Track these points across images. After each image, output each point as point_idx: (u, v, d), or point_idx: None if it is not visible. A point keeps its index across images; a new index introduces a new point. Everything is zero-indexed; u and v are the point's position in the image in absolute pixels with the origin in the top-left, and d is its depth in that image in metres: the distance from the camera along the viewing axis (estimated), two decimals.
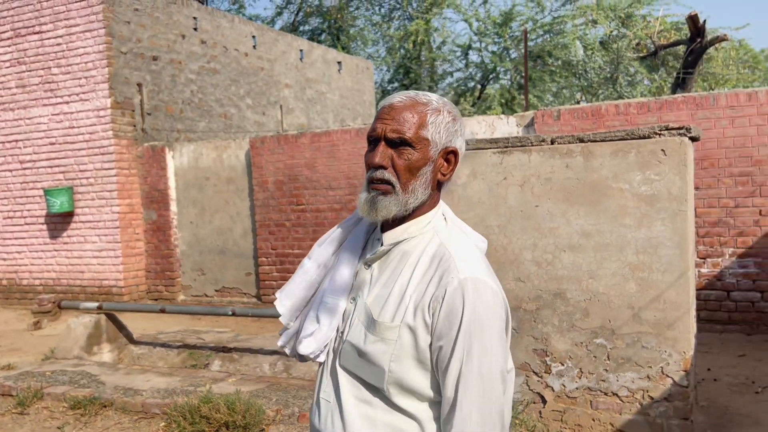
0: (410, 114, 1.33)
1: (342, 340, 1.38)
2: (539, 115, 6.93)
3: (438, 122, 1.35)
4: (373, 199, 1.33)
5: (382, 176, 1.33)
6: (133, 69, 9.36)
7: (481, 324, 1.24)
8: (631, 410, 3.59)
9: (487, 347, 1.24)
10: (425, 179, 1.35)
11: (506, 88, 19.88)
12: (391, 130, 1.33)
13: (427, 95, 1.37)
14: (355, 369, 1.34)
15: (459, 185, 3.97)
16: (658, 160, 3.49)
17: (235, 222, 9.12)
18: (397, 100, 1.35)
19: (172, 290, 9.44)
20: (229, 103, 11.27)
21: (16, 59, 9.60)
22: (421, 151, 1.33)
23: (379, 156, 1.33)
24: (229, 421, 4.00)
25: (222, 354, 5.91)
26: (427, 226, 1.38)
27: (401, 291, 1.31)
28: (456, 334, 1.24)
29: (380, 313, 1.31)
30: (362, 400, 1.34)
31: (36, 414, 4.63)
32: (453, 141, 1.38)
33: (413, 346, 1.28)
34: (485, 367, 1.24)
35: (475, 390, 1.23)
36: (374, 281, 1.37)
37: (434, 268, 1.30)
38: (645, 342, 3.55)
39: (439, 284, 1.27)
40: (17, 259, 9.88)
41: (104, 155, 9.12)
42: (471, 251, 1.35)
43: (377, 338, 1.30)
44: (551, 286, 3.75)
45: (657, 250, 3.50)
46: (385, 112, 1.35)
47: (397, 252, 1.37)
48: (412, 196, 1.34)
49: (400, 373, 1.29)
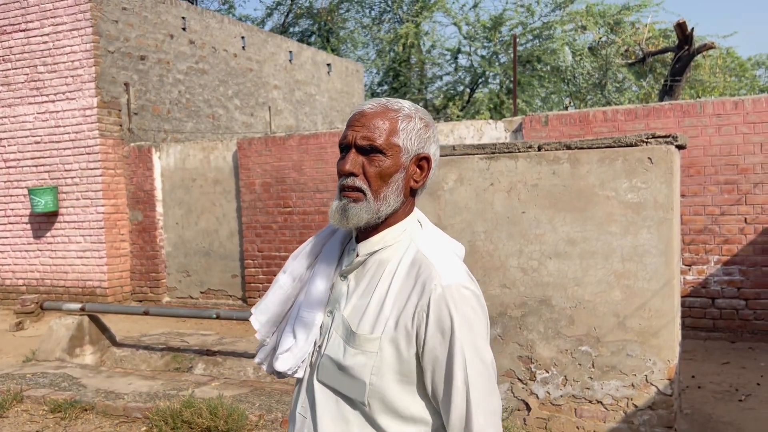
0: (381, 121, 1.31)
1: (320, 354, 1.35)
2: (527, 121, 6.94)
3: (409, 129, 1.33)
4: (344, 206, 1.32)
5: (353, 183, 1.31)
6: (120, 68, 9.29)
7: (471, 329, 1.24)
8: (615, 418, 3.59)
9: (482, 351, 1.25)
10: (397, 186, 1.33)
11: (495, 92, 19.93)
12: (362, 137, 1.31)
13: (399, 102, 1.36)
14: (334, 383, 1.31)
15: (446, 190, 3.95)
16: (645, 168, 3.49)
17: (221, 224, 9.06)
18: (368, 107, 1.34)
19: (157, 292, 9.36)
20: (217, 103, 11.21)
21: (2, 57, 9.49)
22: (392, 158, 1.31)
23: (350, 163, 1.31)
24: (211, 426, 3.96)
25: (206, 357, 5.85)
26: (402, 234, 1.35)
27: (380, 301, 1.29)
28: (449, 345, 1.23)
29: (359, 325, 1.29)
30: (338, 417, 1.31)
31: (15, 417, 4.56)
32: (425, 147, 1.35)
33: (395, 358, 1.26)
34: (485, 371, 1.25)
35: (482, 396, 1.23)
36: (351, 293, 1.34)
37: (414, 277, 1.28)
38: (630, 350, 3.54)
39: (422, 293, 1.25)
40: (0, 259, 9.76)
41: (90, 155, 9.03)
42: (449, 257, 1.33)
43: (357, 351, 1.27)
44: (537, 293, 3.74)
45: (643, 258, 3.50)
46: (356, 119, 1.33)
47: (372, 262, 1.34)
48: (384, 204, 1.32)
49: (381, 386, 1.26)
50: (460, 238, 3.90)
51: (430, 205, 3.98)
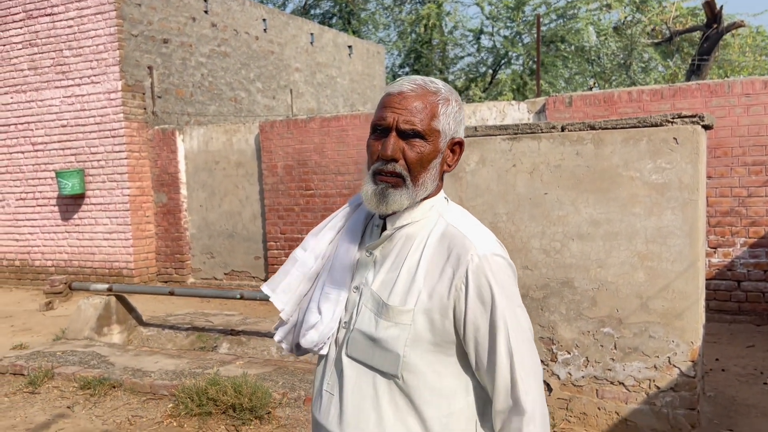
0: (422, 104, 1.29)
1: (348, 330, 1.35)
2: (551, 102, 6.87)
3: (448, 113, 1.32)
4: (383, 191, 1.30)
5: (393, 169, 1.29)
6: (143, 52, 9.36)
7: (510, 299, 1.25)
8: (637, 400, 3.59)
9: (520, 317, 1.27)
10: (435, 172, 1.32)
11: (518, 73, 19.71)
12: (404, 121, 1.28)
13: (435, 83, 1.33)
14: (365, 358, 1.31)
15: (467, 172, 3.95)
16: (670, 149, 3.45)
17: (244, 206, 9.14)
18: (408, 88, 1.30)
19: (182, 273, 9.50)
20: (239, 86, 11.25)
21: (28, 41, 9.62)
22: (432, 143, 1.30)
23: (391, 148, 1.28)
24: (236, 403, 4.03)
25: (230, 337, 5.95)
26: (430, 210, 1.35)
27: (410, 274, 1.29)
28: (491, 314, 1.24)
29: (389, 297, 1.29)
30: (368, 392, 1.30)
31: (47, 393, 4.68)
32: (460, 131, 1.35)
33: (429, 329, 1.26)
34: (525, 337, 1.26)
35: (525, 360, 1.25)
36: (378, 267, 1.34)
37: (446, 249, 1.28)
38: (652, 332, 3.53)
39: (458, 264, 1.25)
40: (29, 241, 9.97)
41: (115, 138, 9.15)
42: (479, 227, 1.34)
43: (390, 323, 1.27)
44: (559, 275, 3.73)
45: (667, 239, 3.47)
46: (396, 101, 1.30)
47: (399, 236, 1.34)
48: (422, 189, 1.31)
49: (414, 358, 1.27)
50: (482, 219, 3.90)
51: (452, 187, 3.98)
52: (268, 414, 4.05)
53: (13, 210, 10.03)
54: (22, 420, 4.25)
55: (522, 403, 1.25)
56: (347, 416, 1.31)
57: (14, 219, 10.05)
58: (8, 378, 5.05)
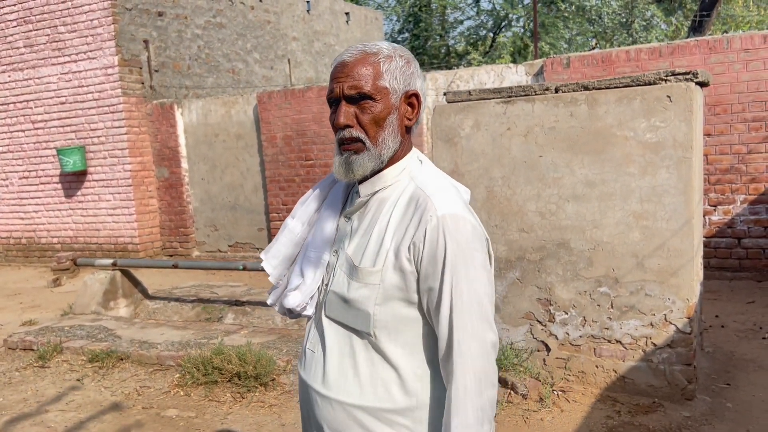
0: (363, 67, 1.33)
1: (326, 292, 1.41)
2: (548, 63, 6.82)
3: (393, 68, 1.34)
4: (347, 159, 1.35)
5: (350, 135, 1.34)
6: (138, 26, 9.29)
7: (465, 257, 1.27)
8: (635, 357, 3.64)
9: (473, 279, 1.27)
10: (393, 128, 1.35)
11: (518, 36, 19.48)
12: (349, 87, 1.33)
13: (377, 44, 1.37)
14: (341, 317, 1.38)
15: (462, 137, 3.95)
16: (664, 107, 3.43)
17: (245, 178, 9.16)
18: (348, 56, 1.35)
19: (187, 246, 9.57)
20: (236, 57, 11.18)
21: (23, 18, 9.55)
22: (382, 102, 1.33)
23: (343, 116, 1.33)
24: (240, 371, 4.11)
25: (235, 307, 6.02)
26: (402, 173, 1.39)
27: (380, 236, 1.33)
28: (441, 271, 1.27)
29: (361, 260, 1.34)
30: (346, 350, 1.37)
31: (56, 367, 4.78)
32: (411, 84, 1.37)
33: (397, 288, 1.31)
34: (474, 298, 1.27)
35: (468, 322, 1.26)
36: (354, 232, 1.40)
37: (412, 210, 1.31)
38: (648, 290, 3.56)
39: (419, 224, 1.28)
40: (35, 218, 10.04)
41: (114, 113, 9.14)
42: (446, 189, 1.35)
43: (360, 284, 1.33)
44: (555, 237, 3.75)
45: (661, 198, 3.48)
46: (339, 71, 1.35)
47: (374, 201, 1.39)
48: (384, 147, 1.35)
49: (386, 315, 1.32)
50: (478, 184, 3.92)
51: (447, 152, 3.99)
52: (273, 381, 4.13)
53: (17, 189, 10.09)
54: (33, 393, 4.35)
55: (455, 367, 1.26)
56: (328, 373, 1.38)
57: (18, 198, 10.11)
58: (19, 353, 5.16)
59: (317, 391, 1.40)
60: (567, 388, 3.76)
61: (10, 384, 4.56)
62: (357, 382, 1.35)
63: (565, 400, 3.66)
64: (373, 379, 1.34)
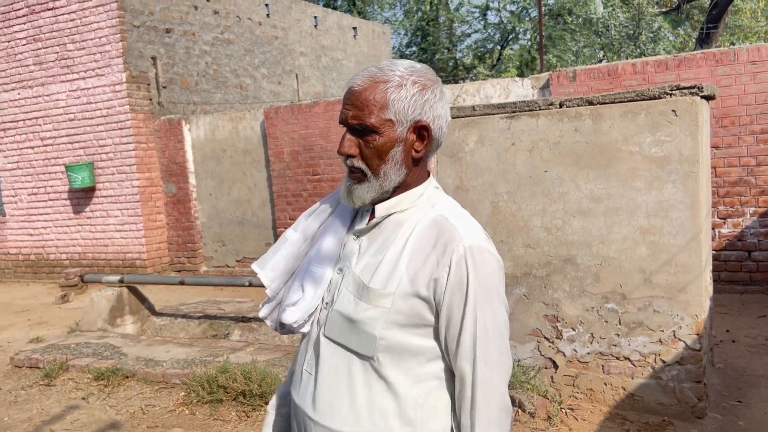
0: (370, 96, 1.29)
1: (328, 311, 1.37)
2: (555, 77, 6.80)
3: (402, 98, 1.29)
4: (349, 188, 1.35)
5: (352, 165, 1.33)
6: (146, 42, 9.36)
7: (488, 290, 1.26)
8: (643, 374, 3.59)
9: (496, 312, 1.27)
10: (395, 161, 1.32)
11: (526, 48, 19.50)
12: (353, 116, 1.30)
13: (392, 67, 1.31)
14: (342, 338, 1.33)
15: (467, 152, 3.93)
16: (669, 121, 3.41)
17: (253, 193, 9.18)
18: (357, 83, 1.31)
19: (195, 262, 9.58)
20: (244, 73, 11.24)
21: (32, 36, 9.66)
22: (385, 135, 1.30)
23: (346, 145, 1.32)
24: (245, 389, 4.08)
25: (241, 323, 6.01)
26: (419, 199, 1.36)
27: (394, 259, 1.30)
28: (464, 303, 1.25)
29: (371, 281, 1.30)
30: (343, 374, 1.32)
31: (62, 385, 4.77)
32: (423, 114, 1.31)
33: (408, 314, 1.27)
34: (496, 332, 1.27)
35: (491, 356, 1.26)
36: (363, 252, 1.36)
37: (434, 237, 1.29)
38: (657, 306, 3.52)
39: (444, 253, 1.26)
40: (43, 235, 10.09)
41: (122, 130, 9.20)
42: (470, 220, 1.34)
43: (369, 305, 1.29)
44: (561, 252, 3.72)
45: (668, 213, 3.44)
46: (347, 98, 1.32)
47: (388, 223, 1.36)
48: (385, 180, 1.32)
49: (391, 340, 1.28)
50: (483, 199, 3.89)
51: (452, 168, 3.97)
52: None
53: (26, 205, 10.15)
54: (39, 412, 4.34)
55: (477, 400, 1.26)
56: (321, 397, 1.34)
57: (27, 214, 10.17)
58: (25, 371, 5.15)
59: (311, 417, 1.35)
60: (575, 406, 3.71)
61: (15, 403, 4.56)
62: (353, 409, 1.30)
63: (573, 419, 3.60)
64: (370, 406, 1.30)
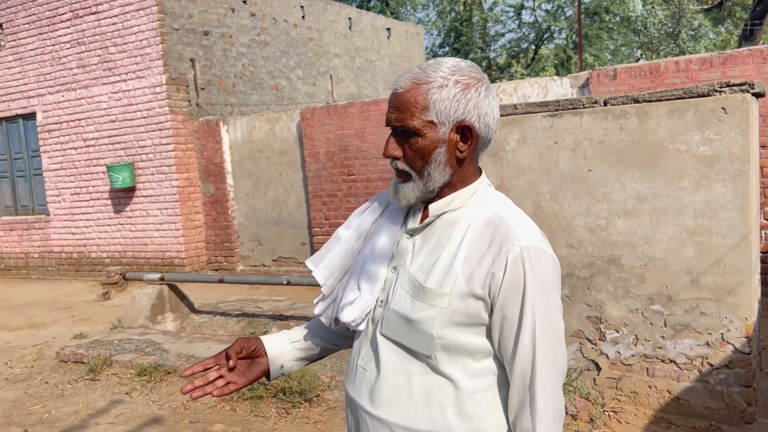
0: (412, 98, 1.29)
1: (384, 309, 1.37)
2: (594, 76, 6.71)
3: (444, 98, 1.28)
4: (396, 186, 1.37)
5: (396, 167, 1.36)
6: (185, 45, 9.51)
7: (544, 290, 1.25)
8: (690, 377, 3.51)
9: (553, 312, 1.27)
10: (439, 162, 1.32)
11: (561, 48, 19.27)
12: (396, 119, 1.31)
13: (435, 68, 1.30)
14: (399, 337, 1.33)
15: (508, 151, 3.90)
16: (719, 119, 3.33)
17: (289, 193, 9.25)
18: (400, 85, 1.31)
19: (231, 261, 9.70)
20: (280, 75, 11.34)
21: (76, 40, 9.89)
22: (428, 137, 1.30)
23: (390, 148, 1.34)
24: (285, 387, 4.11)
25: (279, 322, 6.05)
26: (472, 197, 1.36)
27: (449, 259, 1.30)
28: (522, 302, 1.24)
29: (427, 280, 1.30)
30: (401, 371, 1.33)
31: (106, 380, 4.87)
32: (466, 113, 1.30)
33: (465, 313, 1.27)
34: (552, 333, 1.26)
35: (548, 356, 1.25)
36: (417, 250, 1.36)
37: (489, 236, 1.28)
38: (704, 308, 3.44)
39: (499, 252, 1.25)
40: (85, 234, 10.32)
41: (161, 131, 9.36)
42: (526, 219, 1.33)
43: (426, 305, 1.29)
44: (605, 253, 3.66)
45: (717, 213, 3.36)
46: (390, 100, 1.34)
47: (442, 222, 1.36)
48: (429, 181, 1.33)
49: (448, 339, 1.28)
50: (524, 199, 3.86)
51: (492, 167, 3.94)
52: (317, 397, 4.12)
53: (69, 204, 10.40)
54: (85, 406, 4.44)
55: (537, 398, 1.25)
56: (380, 393, 1.34)
57: (70, 213, 10.41)
58: (70, 366, 5.27)
59: (367, 410, 1.36)
60: (618, 409, 3.64)
61: (62, 396, 4.67)
62: (411, 405, 1.31)
63: (616, 421, 3.55)
64: (428, 402, 1.30)
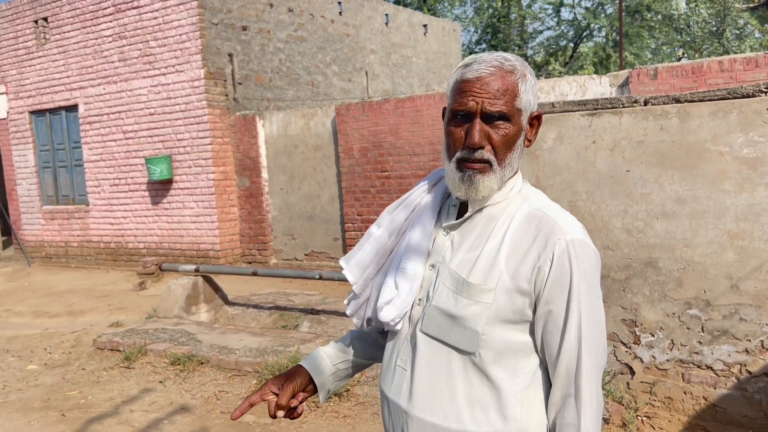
0: (503, 85, 1.28)
1: (424, 307, 1.35)
2: (634, 74, 6.59)
3: (527, 89, 1.30)
4: (471, 178, 1.29)
5: (481, 157, 1.28)
6: (224, 39, 9.63)
7: (589, 285, 1.25)
8: (727, 384, 3.43)
9: (596, 307, 1.26)
10: (519, 150, 1.33)
11: (600, 46, 18.97)
12: (490, 104, 1.27)
13: (509, 60, 1.31)
14: (441, 334, 1.31)
15: (544, 150, 3.85)
16: (764, 121, 3.24)
17: (322, 188, 9.30)
18: (486, 72, 1.28)
19: (265, 254, 9.79)
20: (316, 70, 11.40)
21: (118, 34, 10.08)
22: (517, 124, 1.30)
23: (479, 135, 1.27)
24: None
25: (310, 316, 6.10)
26: (511, 192, 1.35)
27: (492, 254, 1.28)
28: (567, 297, 1.24)
29: (470, 276, 1.29)
30: (442, 369, 1.31)
31: (141, 368, 4.97)
32: (535, 104, 1.35)
33: (510, 309, 1.26)
34: (596, 328, 1.26)
35: (592, 351, 1.25)
36: (456, 247, 1.34)
37: (533, 231, 1.27)
38: (744, 314, 3.35)
39: (545, 246, 1.25)
40: (123, 224, 10.54)
41: (199, 124, 9.49)
42: (567, 213, 1.32)
43: (471, 301, 1.27)
44: (642, 255, 3.60)
45: (759, 216, 3.27)
46: (476, 86, 1.27)
47: (480, 218, 1.34)
48: (508, 169, 1.32)
49: (493, 336, 1.27)
50: (560, 198, 3.81)
51: (528, 166, 3.90)
52: (347, 391, 4.14)
53: (107, 195, 10.62)
54: (119, 393, 4.53)
55: (582, 392, 1.24)
56: (419, 392, 1.33)
57: (109, 204, 10.64)
58: (106, 353, 5.40)
59: (407, 411, 1.34)
60: (652, 414, 3.58)
61: (98, 383, 4.78)
62: (453, 404, 1.29)
63: (650, 427, 3.49)
64: (470, 401, 1.28)
